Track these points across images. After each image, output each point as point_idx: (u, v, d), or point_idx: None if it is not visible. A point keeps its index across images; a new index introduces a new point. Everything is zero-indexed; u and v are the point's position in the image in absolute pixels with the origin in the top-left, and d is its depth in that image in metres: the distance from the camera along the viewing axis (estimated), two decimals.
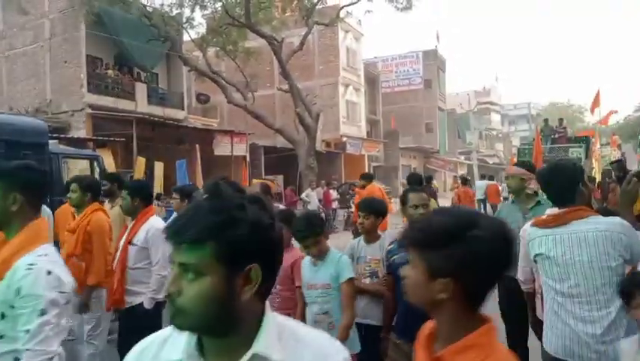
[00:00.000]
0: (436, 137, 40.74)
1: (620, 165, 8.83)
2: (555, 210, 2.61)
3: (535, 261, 2.61)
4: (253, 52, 20.32)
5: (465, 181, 15.02)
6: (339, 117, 28.81)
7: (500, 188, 18.93)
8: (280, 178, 23.24)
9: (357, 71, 31.51)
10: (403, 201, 3.17)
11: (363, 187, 9.66)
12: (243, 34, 19.61)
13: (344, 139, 28.46)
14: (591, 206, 2.86)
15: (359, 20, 31.55)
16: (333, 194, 17.54)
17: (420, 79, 39.96)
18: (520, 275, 2.93)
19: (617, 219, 2.50)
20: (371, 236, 3.49)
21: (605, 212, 2.89)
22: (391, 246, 3.19)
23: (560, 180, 2.57)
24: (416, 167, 39.12)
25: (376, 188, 9.77)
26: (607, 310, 2.33)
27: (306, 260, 3.19)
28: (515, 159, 18.13)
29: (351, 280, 3.03)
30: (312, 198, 15.43)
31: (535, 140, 15.10)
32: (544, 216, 2.69)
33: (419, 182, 7.50)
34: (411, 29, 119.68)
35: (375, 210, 3.46)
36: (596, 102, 18.85)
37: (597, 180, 10.99)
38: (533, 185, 3.88)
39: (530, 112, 64.73)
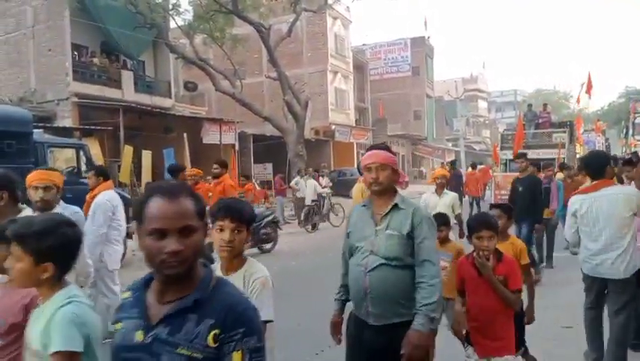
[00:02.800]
0: (423, 124, 40.90)
1: (636, 155, 10.34)
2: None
3: (576, 215, 3.81)
4: (240, 39, 20.16)
5: (453, 164, 16.16)
6: (327, 105, 28.77)
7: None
8: (269, 166, 23.25)
9: (345, 59, 31.43)
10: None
11: (217, 177, 7.51)
12: (231, 20, 19.43)
13: (333, 127, 28.46)
14: (615, 179, 4.26)
15: (347, 7, 31.39)
16: (323, 182, 17.53)
17: (408, 66, 39.98)
18: (569, 238, 4.05)
19: (630, 187, 4.06)
20: (233, 261, 2.25)
21: None
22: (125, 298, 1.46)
23: (596, 161, 3.92)
24: (404, 154, 39.34)
25: (229, 182, 7.64)
26: (621, 243, 3.65)
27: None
28: (499, 146, 18.28)
29: (62, 354, 1.63)
30: (301, 185, 15.43)
31: (517, 125, 15.23)
32: (583, 187, 4.13)
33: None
34: (399, 16, 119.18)
35: (242, 215, 2.20)
36: (589, 85, 19.15)
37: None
38: (402, 179, 2.90)
39: (516, 99, 65.17)
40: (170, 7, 18.78)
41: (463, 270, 3.05)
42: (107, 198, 4.83)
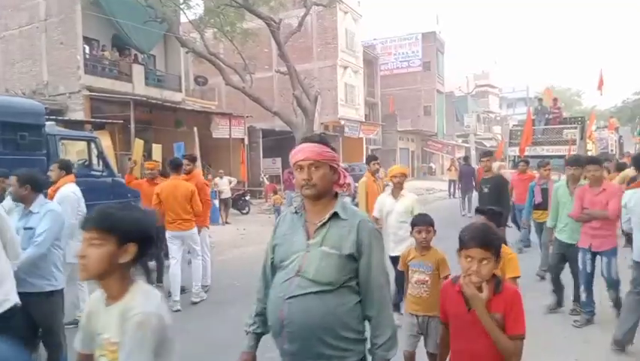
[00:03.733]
0: (434, 120, 40.70)
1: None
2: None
3: (626, 207, 4.42)
4: (251, 33, 20.14)
5: (466, 159, 16.20)
6: (337, 100, 28.73)
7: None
8: (278, 161, 23.30)
9: (355, 53, 31.33)
10: None
11: (188, 174, 6.65)
12: (241, 14, 19.41)
13: (342, 122, 28.42)
14: None
15: (358, 1, 31.24)
16: None
17: (419, 61, 39.75)
18: (624, 226, 4.68)
19: None
20: (111, 287, 1.63)
21: None
22: None
23: None
24: (414, 150, 39.20)
25: (202, 180, 6.83)
26: None
27: None
28: (507, 142, 18.09)
29: None
30: None
31: (526, 121, 15.03)
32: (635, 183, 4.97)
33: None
34: (410, 11, 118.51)
35: (104, 222, 1.59)
36: (601, 81, 18.95)
37: None
38: (343, 180, 2.07)
39: (528, 95, 64.57)
40: (181, 0, 18.80)
41: (446, 298, 2.27)
42: (71, 190, 5.02)
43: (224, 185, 14.74)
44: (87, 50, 17.80)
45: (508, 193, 6.84)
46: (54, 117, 12.29)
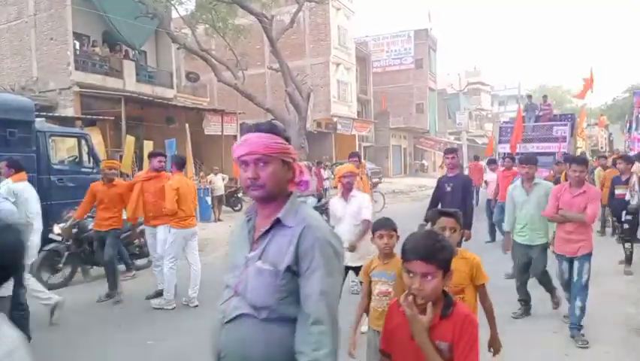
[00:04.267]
0: (426, 117, 40.81)
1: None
2: None
3: None
4: (243, 29, 20.09)
5: (476, 158, 16.31)
6: (329, 97, 28.72)
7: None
8: None
9: (348, 50, 31.32)
10: None
11: (160, 171, 6.33)
12: (233, 10, 19.36)
13: (335, 119, 28.43)
14: None
15: None
16: (325, 173, 17.60)
17: (411, 58, 39.80)
18: None
19: None
20: None
21: None
22: None
23: None
24: (406, 147, 39.32)
25: (184, 181, 6.18)
26: None
27: None
28: (496, 139, 18.07)
29: None
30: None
31: (516, 118, 15.07)
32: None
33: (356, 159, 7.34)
34: (402, 8, 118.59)
35: None
36: (591, 80, 19.10)
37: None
38: (300, 177, 1.73)
39: (520, 92, 64.89)
40: None
41: (391, 322, 1.85)
42: (15, 191, 5.03)
43: (218, 182, 14.73)
44: (77, 46, 17.62)
45: (472, 192, 6.61)
46: (44, 114, 12.17)
